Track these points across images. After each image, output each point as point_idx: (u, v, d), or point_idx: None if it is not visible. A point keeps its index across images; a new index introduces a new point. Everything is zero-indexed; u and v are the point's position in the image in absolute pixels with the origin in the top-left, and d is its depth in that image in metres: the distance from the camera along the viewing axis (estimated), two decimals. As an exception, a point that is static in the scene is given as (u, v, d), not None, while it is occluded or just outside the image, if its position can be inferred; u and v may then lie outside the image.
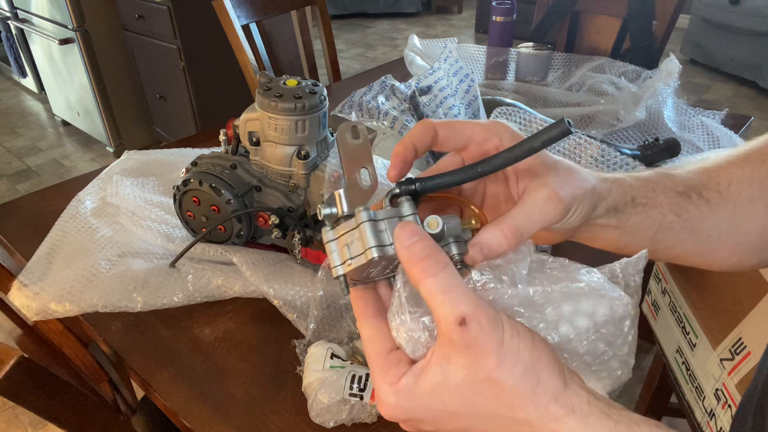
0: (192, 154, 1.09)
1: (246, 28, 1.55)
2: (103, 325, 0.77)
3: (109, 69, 2.76)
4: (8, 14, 3.08)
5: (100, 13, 2.63)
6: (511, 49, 1.47)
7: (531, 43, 1.45)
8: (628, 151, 1.02)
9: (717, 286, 0.88)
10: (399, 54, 4.25)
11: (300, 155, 0.78)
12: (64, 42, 2.66)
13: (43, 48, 3.01)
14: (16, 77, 3.69)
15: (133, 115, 2.95)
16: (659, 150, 1.06)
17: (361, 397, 0.63)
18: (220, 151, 0.86)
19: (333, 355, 0.67)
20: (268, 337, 0.76)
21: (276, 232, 0.80)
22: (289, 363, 0.71)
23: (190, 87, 2.53)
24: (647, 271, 1.28)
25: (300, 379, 0.67)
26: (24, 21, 3.00)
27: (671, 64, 1.21)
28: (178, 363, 0.72)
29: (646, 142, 1.07)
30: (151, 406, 0.99)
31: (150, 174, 1.01)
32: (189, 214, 0.83)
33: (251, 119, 0.79)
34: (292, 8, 1.70)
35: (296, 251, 0.80)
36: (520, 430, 0.32)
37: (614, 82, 1.32)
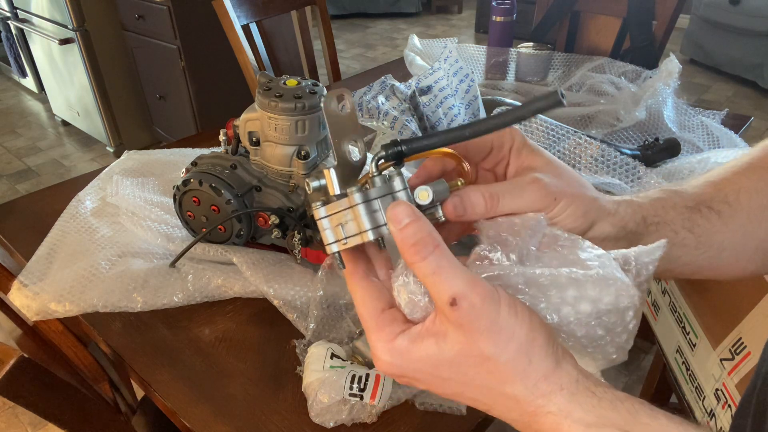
0: (192, 154, 1.10)
1: (246, 28, 1.55)
2: (103, 325, 0.77)
3: (109, 69, 2.76)
4: (8, 14, 3.08)
5: (100, 13, 2.63)
6: (511, 49, 1.47)
7: (531, 43, 1.45)
8: (628, 151, 1.02)
9: (717, 286, 0.88)
10: (399, 54, 4.25)
11: (300, 155, 0.78)
12: (64, 42, 2.66)
13: (43, 48, 3.02)
14: (16, 77, 3.69)
15: (133, 115, 2.95)
16: (659, 150, 1.06)
17: (361, 397, 0.63)
18: (220, 151, 0.86)
19: (333, 355, 0.67)
20: (268, 337, 0.76)
21: (276, 232, 0.80)
22: (289, 363, 0.71)
23: (190, 87, 2.53)
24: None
25: (300, 379, 0.67)
26: (24, 21, 3.00)
27: (671, 64, 1.21)
28: (178, 363, 0.72)
29: (646, 142, 1.07)
30: (151, 406, 0.99)
31: (150, 174, 1.01)
32: (189, 214, 0.83)
33: (251, 119, 0.79)
34: (292, 8, 1.71)
35: (296, 251, 0.80)
36: (507, 403, 0.34)
37: (614, 82, 1.32)
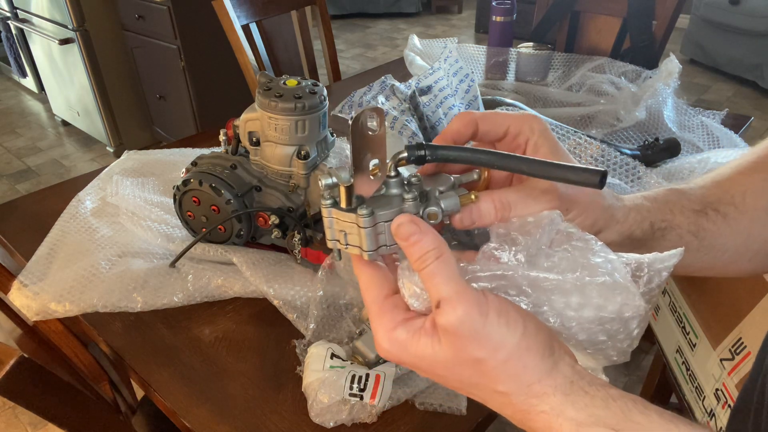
0: (192, 154, 1.10)
1: (246, 28, 1.55)
2: (103, 325, 0.77)
3: (109, 69, 2.76)
4: (8, 14, 3.08)
5: (100, 13, 2.63)
6: (511, 49, 1.47)
7: (531, 43, 1.45)
8: (628, 151, 1.02)
9: (717, 286, 0.88)
10: (399, 54, 4.25)
11: (300, 155, 0.78)
12: (64, 42, 2.66)
13: (43, 48, 3.01)
14: (16, 77, 3.69)
15: (133, 115, 2.95)
16: (659, 150, 1.06)
17: (361, 397, 0.63)
18: (220, 151, 0.86)
19: (333, 355, 0.67)
20: (268, 337, 0.76)
21: (276, 232, 0.80)
22: (289, 363, 0.71)
23: (190, 87, 2.53)
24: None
25: (300, 379, 0.67)
26: (24, 21, 3.00)
27: (671, 64, 1.21)
28: (178, 363, 0.72)
29: (646, 142, 1.07)
30: (151, 406, 0.99)
31: (150, 174, 1.01)
32: (189, 214, 0.83)
33: (251, 119, 0.79)
34: (292, 8, 1.70)
35: (296, 251, 0.80)
36: (501, 400, 0.34)
37: (614, 82, 1.32)
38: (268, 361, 0.72)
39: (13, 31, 3.19)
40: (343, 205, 0.36)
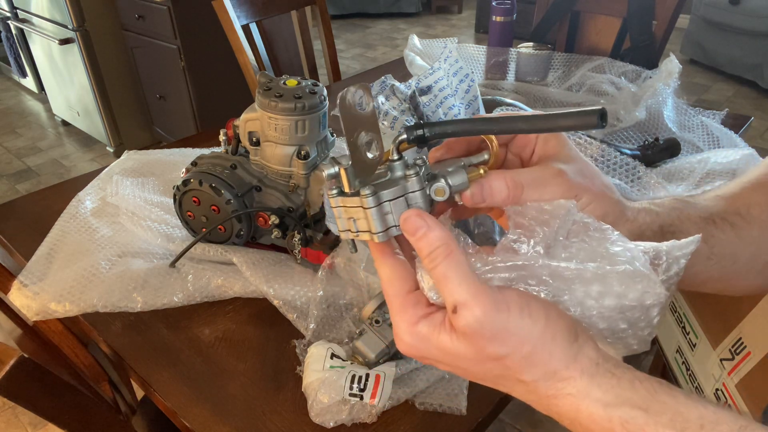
0: (192, 154, 1.09)
1: (246, 28, 1.55)
2: (103, 325, 0.77)
3: (109, 69, 2.76)
4: (8, 14, 3.08)
5: (100, 13, 2.63)
6: (511, 49, 1.47)
7: (531, 43, 1.45)
8: (628, 151, 1.02)
9: (717, 286, 0.88)
10: (399, 54, 4.25)
11: (300, 155, 0.78)
12: (64, 42, 2.66)
13: (43, 48, 3.01)
14: (16, 77, 3.69)
15: (133, 115, 2.95)
16: (659, 150, 1.06)
17: (361, 397, 0.63)
18: (220, 151, 0.86)
19: (333, 355, 0.67)
20: (268, 337, 0.76)
21: (276, 232, 0.80)
22: (289, 363, 0.71)
23: (190, 87, 2.53)
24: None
25: (300, 379, 0.67)
26: (24, 21, 3.00)
27: (671, 64, 1.21)
28: (178, 363, 0.72)
29: (646, 142, 1.07)
30: (151, 406, 0.99)
31: (150, 174, 1.01)
32: (189, 214, 0.83)
33: (251, 119, 0.79)
34: (292, 8, 1.70)
35: (296, 251, 0.80)
36: (527, 388, 0.34)
37: (614, 82, 1.32)
38: (268, 361, 0.72)
39: (13, 31, 3.19)
40: (347, 189, 0.36)
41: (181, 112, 2.68)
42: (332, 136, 0.85)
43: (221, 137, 0.85)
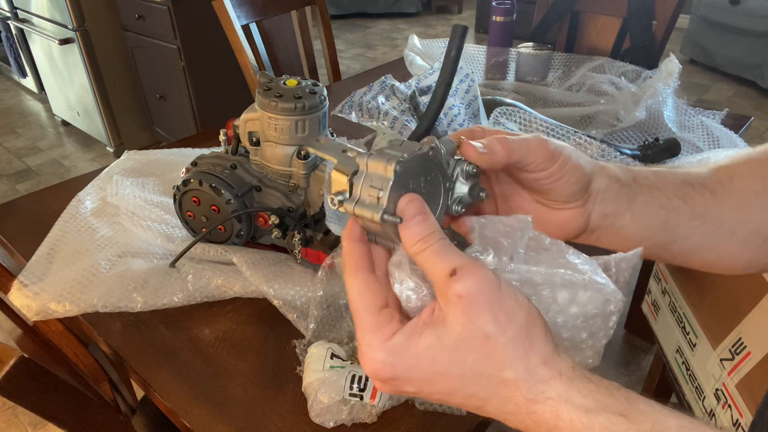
0: (192, 154, 1.09)
1: (246, 28, 1.55)
2: (103, 325, 0.77)
3: (109, 69, 2.76)
4: (8, 14, 3.08)
5: (100, 13, 2.63)
6: (511, 49, 1.47)
7: (531, 43, 1.45)
8: (628, 151, 1.02)
9: (717, 286, 0.88)
10: (399, 54, 4.25)
11: (300, 155, 0.78)
12: (64, 42, 2.66)
13: (43, 48, 3.01)
14: (16, 77, 3.69)
15: (133, 115, 2.95)
16: (659, 150, 1.06)
17: (361, 397, 0.63)
18: (220, 151, 0.86)
19: (333, 355, 0.67)
20: (268, 337, 0.76)
21: (276, 232, 0.80)
22: (289, 363, 0.71)
23: (190, 87, 2.53)
24: (647, 271, 1.27)
25: (300, 379, 0.67)
26: (24, 21, 3.00)
27: (671, 64, 1.21)
28: (178, 363, 0.72)
29: (646, 142, 1.07)
30: (151, 406, 0.99)
31: (150, 174, 1.01)
32: (189, 214, 0.83)
33: (251, 119, 0.79)
34: (292, 8, 1.70)
35: (296, 251, 0.80)
36: (506, 392, 0.33)
37: (614, 82, 1.31)
38: (268, 361, 0.72)
39: (13, 31, 3.19)
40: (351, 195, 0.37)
41: (181, 112, 2.68)
42: (332, 136, 0.85)
43: (221, 137, 0.85)
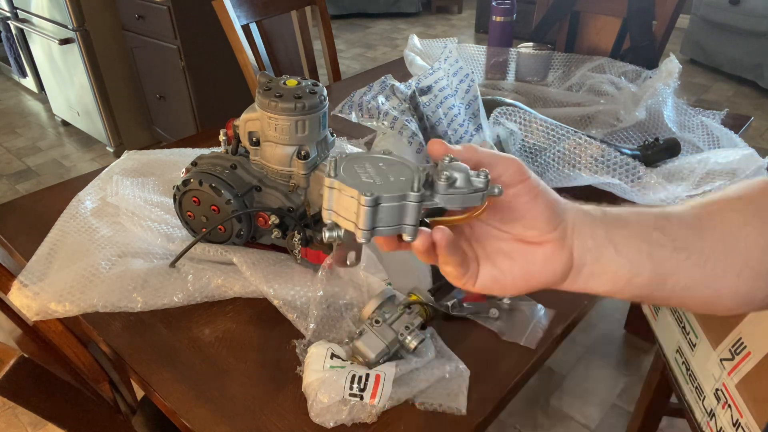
0: (192, 154, 1.09)
1: (246, 28, 1.55)
2: (103, 325, 0.77)
3: (109, 69, 2.76)
4: (8, 14, 3.08)
5: (100, 13, 2.63)
6: (511, 49, 1.47)
7: (531, 43, 1.45)
8: (628, 151, 1.02)
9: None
10: (399, 54, 4.25)
11: (300, 155, 0.78)
12: (64, 42, 2.66)
13: (43, 48, 3.01)
14: (16, 77, 3.69)
15: (133, 115, 2.95)
16: (659, 150, 1.06)
17: (361, 397, 0.63)
18: (220, 151, 0.86)
19: (333, 355, 0.67)
20: (268, 337, 0.76)
21: (276, 232, 0.80)
22: (289, 363, 0.71)
23: (190, 87, 2.53)
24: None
25: (300, 379, 0.67)
26: (24, 21, 3.00)
27: (671, 64, 1.21)
28: (178, 363, 0.72)
29: (646, 142, 1.07)
30: (151, 406, 0.99)
31: (150, 174, 1.01)
32: (189, 214, 0.83)
33: (251, 119, 0.79)
34: (292, 8, 1.70)
35: (296, 251, 0.80)
36: None
37: (614, 82, 1.32)
38: (268, 361, 0.72)
39: (13, 31, 3.19)
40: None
41: (181, 112, 2.68)
42: (332, 136, 0.85)
43: (221, 137, 0.85)
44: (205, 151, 0.96)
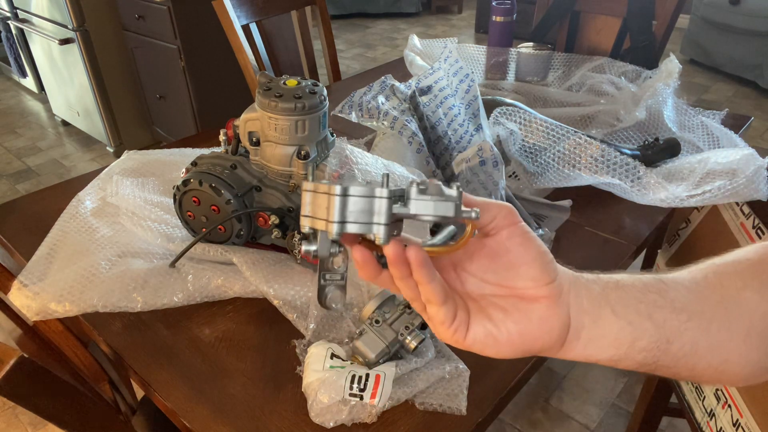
0: (192, 154, 1.09)
1: (246, 28, 1.55)
2: (103, 325, 0.77)
3: (109, 69, 2.76)
4: (8, 14, 3.08)
5: (100, 13, 2.63)
6: (511, 49, 1.47)
7: (531, 43, 1.45)
8: (628, 151, 1.02)
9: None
10: (399, 54, 4.25)
11: (300, 155, 0.78)
12: (64, 42, 2.66)
13: (43, 48, 3.01)
14: (16, 77, 3.69)
15: (133, 115, 2.95)
16: (659, 150, 1.06)
17: (361, 397, 0.63)
18: (220, 151, 0.86)
19: (333, 355, 0.67)
20: (268, 337, 0.76)
21: (276, 232, 0.80)
22: (289, 363, 0.71)
23: (190, 87, 2.53)
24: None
25: (300, 379, 0.67)
26: (24, 21, 3.00)
27: (671, 64, 1.21)
28: (178, 363, 0.72)
29: (646, 142, 1.07)
30: (151, 406, 0.99)
31: (150, 174, 1.00)
32: (189, 214, 0.83)
33: (251, 119, 0.79)
34: (292, 8, 1.70)
35: (296, 251, 0.80)
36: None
37: (614, 82, 1.32)
38: (268, 361, 0.72)
39: (13, 31, 3.19)
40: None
41: (181, 112, 2.68)
42: (332, 136, 0.85)
43: (221, 137, 0.85)
44: (205, 151, 0.96)
